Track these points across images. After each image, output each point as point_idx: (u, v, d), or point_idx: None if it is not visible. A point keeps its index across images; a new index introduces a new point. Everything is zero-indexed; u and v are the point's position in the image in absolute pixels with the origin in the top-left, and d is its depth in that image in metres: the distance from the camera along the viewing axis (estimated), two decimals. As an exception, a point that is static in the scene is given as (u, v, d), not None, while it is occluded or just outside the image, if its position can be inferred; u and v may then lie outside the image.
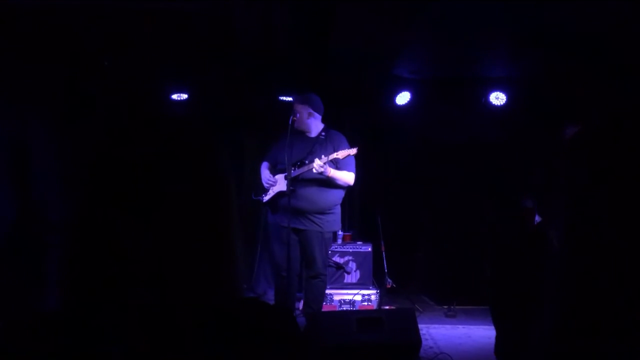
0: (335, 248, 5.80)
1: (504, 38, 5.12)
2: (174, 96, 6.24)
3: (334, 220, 4.64)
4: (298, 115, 4.59)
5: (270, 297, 6.28)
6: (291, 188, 4.48)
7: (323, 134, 4.65)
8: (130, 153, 0.94)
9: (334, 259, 5.76)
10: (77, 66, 5.10)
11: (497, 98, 6.34)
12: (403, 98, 6.38)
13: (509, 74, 6.24)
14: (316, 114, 4.65)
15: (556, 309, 0.91)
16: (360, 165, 6.87)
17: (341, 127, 6.56)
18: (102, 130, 0.99)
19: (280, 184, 4.64)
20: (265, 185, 4.72)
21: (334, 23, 4.81)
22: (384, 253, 5.98)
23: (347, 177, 4.52)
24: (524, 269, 3.69)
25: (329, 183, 4.50)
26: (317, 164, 4.34)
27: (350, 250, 5.85)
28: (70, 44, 4.79)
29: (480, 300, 5.54)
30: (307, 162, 4.48)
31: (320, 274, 4.60)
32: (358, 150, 4.49)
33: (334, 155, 4.38)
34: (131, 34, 4.90)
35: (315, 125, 4.67)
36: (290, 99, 6.25)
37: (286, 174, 4.53)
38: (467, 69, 6.07)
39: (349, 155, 4.43)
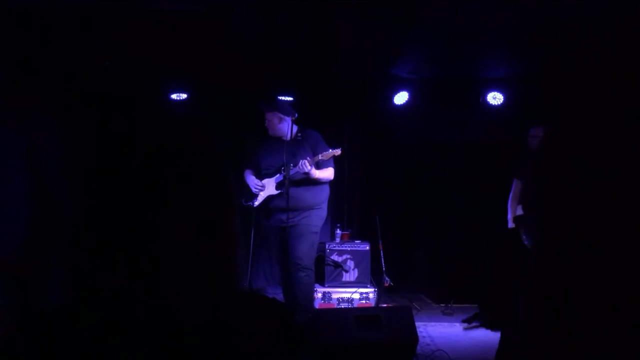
0: (334, 246, 5.85)
1: (502, 39, 5.15)
2: (174, 96, 6.29)
3: (321, 216, 4.83)
4: (266, 123, 4.81)
5: (269, 294, 6.34)
6: (281, 191, 4.69)
7: (299, 135, 4.81)
8: (132, 152, 0.96)
9: (332, 257, 5.80)
10: (78, 67, 5.13)
11: (495, 98, 6.38)
12: (401, 98, 6.41)
13: (506, 75, 6.27)
14: (287, 118, 4.79)
15: (526, 308, 0.95)
16: (359, 164, 6.91)
17: (340, 126, 6.61)
18: (104, 129, 1.00)
19: (268, 188, 4.82)
20: (254, 190, 4.89)
21: (333, 24, 4.86)
22: (382, 252, 6.01)
23: (329, 173, 4.75)
24: (510, 266, 3.74)
25: (314, 181, 4.70)
26: (306, 166, 4.52)
27: (349, 249, 5.89)
28: (72, 44, 4.82)
29: (477, 298, 5.59)
30: (291, 165, 4.63)
31: (306, 268, 4.71)
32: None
33: (319, 158, 4.59)
34: (132, 35, 4.94)
35: (289, 129, 4.80)
36: (290, 99, 6.29)
37: (273, 177, 4.78)
38: (465, 69, 6.11)
39: (334, 156, 4.65)
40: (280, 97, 6.32)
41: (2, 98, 4.27)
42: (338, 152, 4.63)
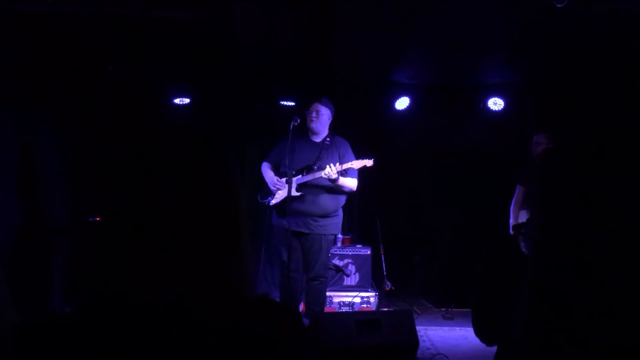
0: (335, 251, 5.86)
1: (502, 45, 5.18)
2: (177, 100, 6.31)
3: (336, 224, 4.69)
4: (314, 115, 4.64)
5: (273, 298, 6.33)
6: (300, 193, 4.50)
7: (328, 139, 4.68)
8: (135, 157, 0.97)
9: (333, 261, 5.82)
10: (82, 72, 5.17)
11: (495, 103, 6.41)
12: (402, 103, 6.44)
13: (506, 80, 6.30)
14: (331, 118, 4.73)
15: (526, 317, 0.96)
16: (360, 169, 6.90)
17: (341, 131, 6.64)
18: (107, 135, 1.01)
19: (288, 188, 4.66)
20: (272, 188, 4.69)
21: (334, 31, 4.88)
22: (382, 256, 6.03)
23: (352, 183, 4.59)
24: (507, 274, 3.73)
25: (335, 189, 4.55)
26: (333, 172, 4.36)
27: (350, 253, 5.91)
28: (76, 50, 4.86)
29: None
30: (315, 167, 4.50)
31: (321, 276, 4.65)
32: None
33: (349, 165, 4.45)
34: (135, 40, 4.97)
35: (326, 130, 4.73)
36: (291, 103, 6.31)
37: (295, 178, 4.52)
38: (465, 74, 6.13)
39: (364, 166, 4.48)
40: (281, 102, 6.35)
41: (1, 100, 4.29)
42: (370, 163, 4.46)
